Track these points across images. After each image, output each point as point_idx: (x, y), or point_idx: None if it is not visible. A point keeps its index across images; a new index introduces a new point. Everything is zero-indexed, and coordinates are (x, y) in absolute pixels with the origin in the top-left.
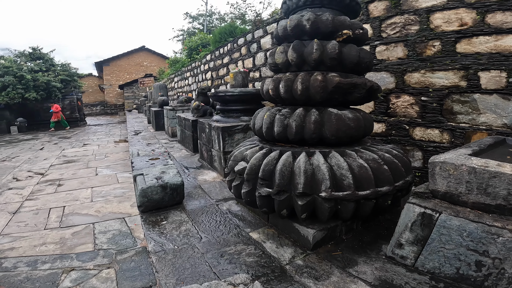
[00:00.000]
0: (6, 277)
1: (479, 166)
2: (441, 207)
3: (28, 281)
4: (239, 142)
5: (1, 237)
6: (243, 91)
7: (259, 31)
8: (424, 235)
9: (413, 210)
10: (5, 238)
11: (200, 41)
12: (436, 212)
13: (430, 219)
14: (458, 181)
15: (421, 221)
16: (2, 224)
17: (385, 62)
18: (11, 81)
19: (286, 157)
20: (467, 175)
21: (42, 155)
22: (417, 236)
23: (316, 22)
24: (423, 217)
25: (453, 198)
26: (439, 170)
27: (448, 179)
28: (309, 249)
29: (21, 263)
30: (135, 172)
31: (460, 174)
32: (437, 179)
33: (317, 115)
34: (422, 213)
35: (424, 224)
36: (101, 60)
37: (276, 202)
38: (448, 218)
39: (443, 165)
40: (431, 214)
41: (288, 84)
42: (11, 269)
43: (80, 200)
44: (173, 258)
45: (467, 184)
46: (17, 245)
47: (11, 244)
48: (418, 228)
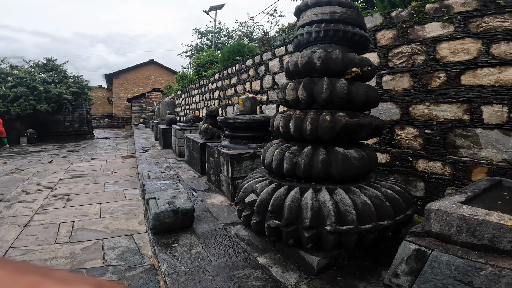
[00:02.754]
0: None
1: (468, 215)
2: (433, 245)
3: None
4: (247, 169)
5: (12, 250)
6: (252, 118)
7: (267, 53)
8: (418, 268)
9: (409, 246)
10: (16, 251)
11: (208, 58)
12: (429, 249)
13: (423, 254)
14: (449, 225)
15: (415, 256)
16: (12, 236)
17: (391, 93)
18: (24, 92)
19: (294, 193)
20: (458, 221)
21: (51, 168)
22: (412, 268)
23: (327, 60)
24: (418, 253)
25: (445, 238)
26: (434, 216)
27: (441, 223)
28: (313, 275)
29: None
30: (148, 195)
31: (452, 220)
32: (432, 222)
33: (324, 155)
34: (417, 249)
35: (418, 258)
36: (111, 73)
37: (284, 233)
38: (439, 254)
39: (437, 212)
40: (425, 250)
41: (298, 124)
42: None
43: (89, 215)
44: (185, 280)
45: (457, 228)
46: (28, 258)
47: (22, 257)
48: (413, 261)
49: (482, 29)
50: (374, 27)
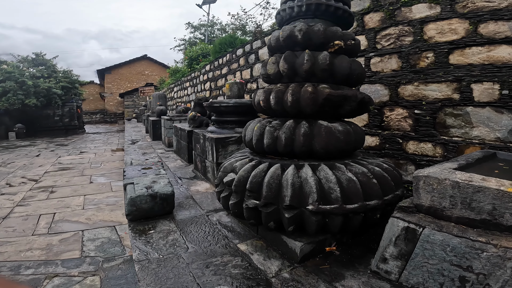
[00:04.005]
0: None
1: (462, 181)
2: (424, 222)
3: None
4: (232, 154)
5: None
6: (238, 102)
7: (257, 42)
8: (408, 250)
9: (397, 224)
10: None
11: (201, 51)
12: (420, 226)
13: (413, 233)
14: (441, 196)
15: (405, 236)
16: None
17: (379, 74)
18: (12, 87)
19: (275, 169)
20: (451, 190)
21: (37, 161)
22: (401, 250)
23: (308, 32)
24: (407, 232)
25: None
26: (423, 184)
27: (432, 193)
28: (297, 262)
29: (4, 268)
30: (126, 181)
31: (443, 188)
32: (421, 193)
33: (307, 128)
34: (406, 228)
35: (408, 239)
36: (103, 68)
37: (263, 214)
38: (432, 232)
39: (426, 179)
40: (415, 228)
41: (278, 96)
42: None
43: (71, 207)
44: (156, 268)
45: (450, 199)
46: (2, 249)
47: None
48: (402, 242)
49: (469, 9)
50: (362, 10)
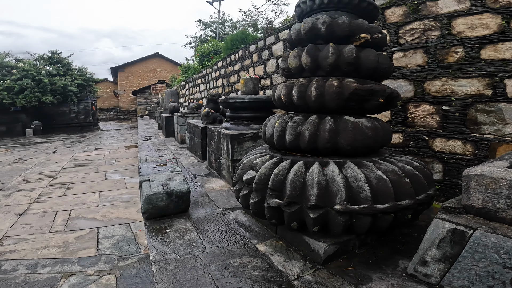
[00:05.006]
0: (4, 280)
1: None
2: (475, 224)
3: (25, 284)
4: (249, 151)
5: (4, 239)
6: (253, 98)
7: (270, 37)
8: (454, 253)
9: (442, 226)
10: (8, 240)
11: (212, 48)
12: (470, 228)
13: (462, 235)
14: (496, 196)
15: (451, 238)
16: (7, 225)
17: (403, 70)
18: (29, 84)
19: (298, 167)
20: (507, 190)
21: (54, 158)
22: (445, 253)
23: (332, 25)
24: (454, 234)
25: (489, 214)
26: (475, 184)
27: (485, 193)
28: (320, 264)
29: (21, 266)
30: (142, 178)
31: (499, 188)
32: (472, 193)
33: (332, 123)
34: (453, 230)
35: (454, 241)
36: (117, 66)
37: (286, 214)
38: (484, 235)
39: (479, 179)
40: (464, 230)
41: (301, 90)
42: (9, 272)
43: (87, 204)
44: (174, 269)
45: (506, 200)
46: (20, 247)
47: (13, 246)
48: (447, 245)
49: (501, 4)
50: (383, 4)
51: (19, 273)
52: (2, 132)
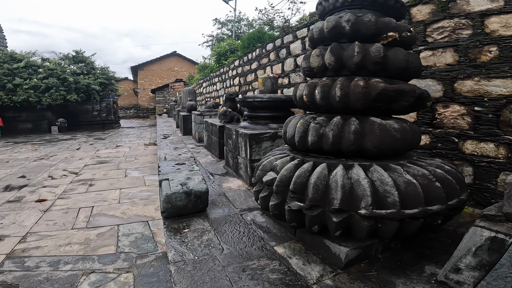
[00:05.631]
0: (26, 277)
1: None
2: None
3: (47, 281)
4: (267, 151)
5: (29, 235)
6: (272, 97)
7: (288, 36)
8: (491, 260)
9: (480, 234)
10: (33, 236)
11: (229, 47)
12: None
13: (501, 243)
14: None
15: (489, 246)
16: (32, 221)
17: (431, 69)
18: (55, 83)
19: (321, 169)
20: None
21: (77, 155)
22: (482, 261)
23: (357, 23)
24: (493, 242)
25: None
26: None
27: None
28: (340, 268)
29: (44, 263)
30: (161, 176)
31: None
32: None
33: (357, 125)
34: (492, 238)
35: (492, 249)
36: (136, 65)
37: (308, 218)
38: None
39: None
40: (504, 238)
41: (325, 90)
42: (32, 269)
43: (108, 201)
44: (192, 270)
45: None
46: (43, 243)
47: (37, 242)
48: (485, 253)
49: None
50: (408, 2)
51: (41, 270)
52: (29, 129)
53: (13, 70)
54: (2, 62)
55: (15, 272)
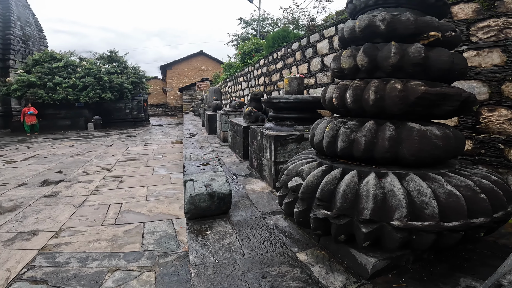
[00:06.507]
0: (55, 273)
1: None
2: None
3: (75, 278)
4: (292, 153)
5: (61, 231)
6: (298, 98)
7: (315, 35)
8: None
9: None
10: (65, 232)
11: (254, 46)
12: None
13: None
14: None
15: None
16: (65, 217)
17: (475, 70)
18: (91, 82)
19: (351, 177)
20: None
21: (110, 151)
22: None
23: (393, 22)
24: None
25: None
26: None
27: None
28: (365, 279)
29: (73, 259)
30: (186, 177)
31: None
32: None
33: (393, 131)
34: None
35: None
36: (165, 64)
37: (334, 227)
38: None
39: None
40: None
41: (356, 93)
42: (62, 265)
43: (136, 198)
44: (212, 274)
45: None
46: (74, 239)
47: (69, 238)
48: None
49: None
50: (449, 0)
51: (70, 266)
52: (67, 126)
53: (53, 69)
54: (43, 61)
55: (46, 268)
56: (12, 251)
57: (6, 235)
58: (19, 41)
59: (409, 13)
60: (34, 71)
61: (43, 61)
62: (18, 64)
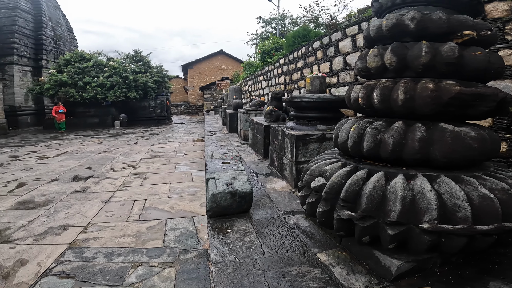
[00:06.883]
0: (83, 268)
1: None
2: None
3: (100, 273)
4: (314, 153)
5: (90, 226)
6: (321, 97)
7: (337, 34)
8: None
9: None
10: (93, 227)
11: (273, 45)
12: None
13: None
14: None
15: None
16: (94, 212)
17: (511, 69)
18: (118, 81)
19: (378, 178)
20: None
21: (135, 148)
22: None
23: (424, 21)
24: None
25: None
26: None
27: None
28: (388, 281)
29: (100, 254)
30: (208, 175)
31: None
32: None
33: (423, 131)
34: None
35: None
36: (186, 63)
37: (359, 228)
38: None
39: None
40: None
41: (384, 93)
42: (89, 260)
43: (159, 194)
44: (232, 272)
45: None
46: (101, 234)
47: (96, 233)
48: None
49: None
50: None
51: (97, 261)
52: (96, 123)
53: (83, 69)
54: (74, 61)
55: (74, 263)
56: (43, 245)
57: (38, 229)
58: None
59: (440, 11)
60: (65, 71)
61: (73, 61)
62: (50, 64)
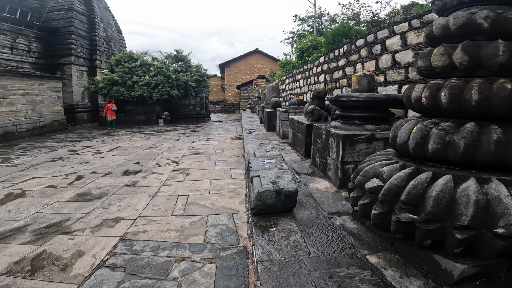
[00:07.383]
0: (132, 261)
1: None
2: None
3: (147, 266)
4: (361, 153)
5: (139, 219)
6: (370, 96)
7: (383, 31)
8: None
9: None
10: (142, 220)
11: (311, 43)
12: None
13: None
14: None
15: None
16: (142, 206)
17: None
18: (162, 80)
19: (446, 181)
20: None
21: (177, 145)
22: None
23: (499, 20)
24: None
25: None
26: None
27: None
28: (448, 285)
29: (147, 248)
30: (253, 173)
31: None
32: None
33: (500, 133)
34: None
35: None
36: (223, 62)
37: (421, 231)
38: None
39: None
40: None
41: (454, 92)
42: (138, 253)
43: (200, 190)
44: (278, 271)
45: None
46: (149, 228)
47: (144, 227)
48: None
49: None
50: None
51: (144, 255)
52: (142, 120)
53: (131, 68)
54: (123, 61)
55: (125, 255)
56: (99, 237)
57: (94, 221)
58: (103, 42)
59: None
60: (116, 70)
61: (123, 61)
62: (103, 64)
